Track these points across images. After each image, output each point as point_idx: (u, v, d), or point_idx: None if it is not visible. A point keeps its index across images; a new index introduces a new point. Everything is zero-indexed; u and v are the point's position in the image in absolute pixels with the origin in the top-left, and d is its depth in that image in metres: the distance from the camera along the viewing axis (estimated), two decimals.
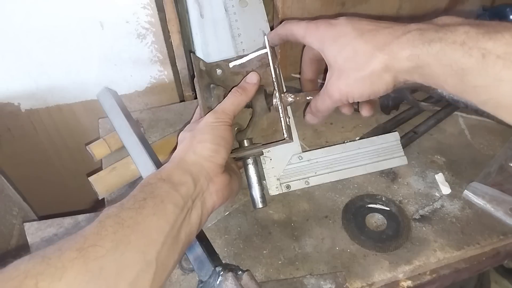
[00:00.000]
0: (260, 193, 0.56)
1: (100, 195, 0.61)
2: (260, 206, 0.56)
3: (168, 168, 0.43)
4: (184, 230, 0.39)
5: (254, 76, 0.53)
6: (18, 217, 0.78)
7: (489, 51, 0.33)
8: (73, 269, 0.30)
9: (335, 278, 0.51)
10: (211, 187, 0.44)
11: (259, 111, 0.55)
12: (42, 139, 0.81)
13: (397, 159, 0.64)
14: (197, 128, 0.47)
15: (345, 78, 0.44)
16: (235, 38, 0.63)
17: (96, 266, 0.31)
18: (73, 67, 0.71)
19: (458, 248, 0.55)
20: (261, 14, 0.64)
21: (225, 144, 0.46)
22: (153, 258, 0.34)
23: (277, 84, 0.52)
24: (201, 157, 0.44)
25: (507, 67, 0.32)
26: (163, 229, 0.36)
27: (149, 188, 0.39)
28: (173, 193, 0.39)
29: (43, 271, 0.29)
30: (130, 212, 0.36)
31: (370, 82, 0.43)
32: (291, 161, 0.62)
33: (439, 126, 0.72)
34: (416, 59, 0.38)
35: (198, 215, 0.42)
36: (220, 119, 0.47)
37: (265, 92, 0.55)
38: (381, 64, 0.41)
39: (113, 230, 0.33)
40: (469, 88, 0.36)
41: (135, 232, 0.34)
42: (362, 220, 0.58)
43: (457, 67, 0.35)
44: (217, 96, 0.55)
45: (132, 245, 0.33)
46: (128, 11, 0.65)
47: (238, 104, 0.51)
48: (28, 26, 0.63)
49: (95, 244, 0.32)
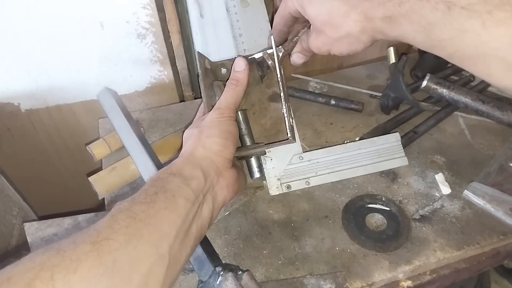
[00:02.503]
0: (257, 163, 0.56)
1: (100, 195, 0.61)
2: (258, 175, 0.55)
3: (178, 163, 0.43)
4: (196, 224, 0.39)
5: (241, 62, 0.53)
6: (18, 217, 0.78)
7: (454, 3, 0.34)
8: (87, 261, 0.30)
9: (335, 278, 0.51)
10: (221, 181, 0.44)
11: (251, 81, 0.55)
12: (42, 139, 0.81)
13: (398, 160, 0.64)
14: (203, 124, 0.48)
15: (324, 37, 0.46)
16: (236, 38, 0.63)
17: (109, 259, 0.31)
18: (73, 67, 0.71)
19: (458, 248, 0.55)
20: (262, 14, 0.64)
21: (232, 139, 0.47)
22: (165, 252, 0.35)
23: (282, 84, 0.52)
24: (211, 152, 0.45)
25: (470, 17, 0.33)
26: (175, 222, 0.37)
27: (160, 183, 0.40)
28: (184, 187, 0.40)
29: (59, 263, 0.29)
30: (141, 206, 0.36)
31: (348, 43, 0.45)
32: (292, 161, 0.62)
33: (439, 126, 0.72)
34: (389, 20, 0.39)
35: (210, 209, 0.42)
36: (225, 114, 0.48)
37: (256, 62, 0.55)
38: (357, 27, 0.42)
39: (125, 224, 0.34)
40: (436, 42, 0.37)
41: (147, 226, 0.35)
42: (362, 220, 0.58)
43: (425, 22, 0.36)
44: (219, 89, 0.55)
45: (144, 239, 0.34)
46: (128, 11, 0.65)
47: (237, 96, 0.51)
48: (28, 26, 0.63)
49: (108, 238, 0.32)
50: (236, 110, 0.53)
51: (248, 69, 0.53)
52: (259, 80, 0.55)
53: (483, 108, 0.67)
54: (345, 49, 0.46)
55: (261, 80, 0.56)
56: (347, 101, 0.75)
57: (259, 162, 0.56)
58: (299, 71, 0.84)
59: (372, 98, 0.78)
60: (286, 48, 0.54)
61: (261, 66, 0.55)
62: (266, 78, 0.56)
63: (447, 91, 0.68)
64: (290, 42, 0.53)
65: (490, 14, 0.32)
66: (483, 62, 0.35)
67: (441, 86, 0.69)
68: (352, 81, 0.82)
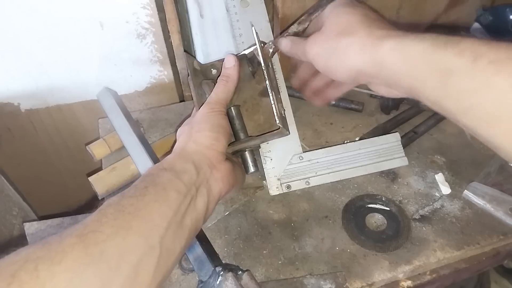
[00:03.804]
0: (251, 157, 0.55)
1: (100, 195, 0.61)
2: (252, 170, 0.55)
3: (170, 159, 0.44)
4: (190, 217, 0.39)
5: (231, 58, 0.54)
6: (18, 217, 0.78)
7: (481, 55, 0.31)
8: (72, 253, 0.30)
9: (335, 278, 0.51)
10: (215, 174, 0.44)
11: (242, 77, 0.55)
12: (42, 139, 0.81)
13: (398, 160, 0.64)
14: (194, 120, 0.48)
15: None
16: (236, 38, 0.63)
17: (96, 250, 0.31)
18: (73, 67, 0.71)
19: (458, 248, 0.55)
20: (262, 15, 0.64)
21: (224, 132, 0.47)
22: (156, 243, 0.34)
23: (267, 73, 0.52)
24: (202, 146, 0.45)
25: (499, 71, 0.30)
26: (165, 214, 0.36)
27: (150, 178, 0.40)
28: (175, 181, 0.39)
29: (43, 255, 0.29)
30: (131, 199, 0.36)
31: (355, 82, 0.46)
32: (292, 161, 0.62)
33: (439, 126, 0.72)
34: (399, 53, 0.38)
35: (204, 202, 0.42)
36: (215, 109, 0.49)
37: (247, 58, 0.55)
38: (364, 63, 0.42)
39: (113, 217, 0.34)
40: (452, 93, 0.34)
41: (136, 218, 0.34)
42: (362, 220, 0.58)
43: (444, 66, 0.33)
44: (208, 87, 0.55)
45: (133, 230, 0.34)
46: (128, 11, 0.65)
47: (228, 92, 0.52)
48: (28, 26, 0.63)
49: (95, 230, 0.32)
50: (227, 106, 0.53)
51: (238, 65, 0.54)
52: (250, 76, 0.56)
53: None
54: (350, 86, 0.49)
55: (253, 76, 0.56)
56: (347, 101, 0.75)
57: (254, 157, 0.56)
58: None
59: (372, 98, 0.78)
60: (277, 44, 0.54)
61: (252, 62, 0.55)
62: (257, 74, 0.56)
63: None
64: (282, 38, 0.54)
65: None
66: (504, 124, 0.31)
67: None
68: None
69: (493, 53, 0.31)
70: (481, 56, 0.31)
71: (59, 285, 0.28)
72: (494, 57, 0.31)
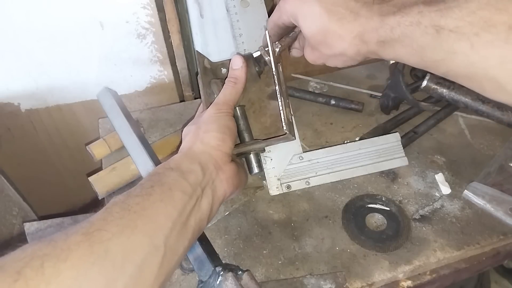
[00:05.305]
0: (256, 159, 0.55)
1: (100, 195, 0.61)
2: (256, 171, 0.55)
3: (176, 158, 0.44)
4: (194, 217, 0.39)
5: (238, 59, 0.53)
6: (18, 217, 0.78)
7: (442, 27, 0.35)
8: (78, 251, 0.30)
9: (335, 278, 0.51)
10: (221, 175, 0.44)
11: (248, 77, 0.55)
12: (42, 139, 0.81)
13: (398, 160, 0.64)
14: (201, 120, 0.48)
15: (318, 53, 0.48)
16: (237, 38, 0.63)
17: (101, 248, 0.31)
18: (73, 67, 0.71)
19: (458, 248, 0.55)
20: (262, 15, 0.64)
21: (230, 133, 0.47)
22: (160, 242, 0.35)
23: (278, 78, 0.52)
24: (209, 146, 0.45)
25: (459, 39, 0.35)
26: (170, 214, 0.37)
27: (156, 177, 0.40)
28: (181, 181, 0.40)
29: (49, 252, 0.30)
30: (136, 198, 0.36)
31: (343, 60, 0.46)
32: (292, 161, 0.62)
33: (439, 126, 0.72)
34: (383, 44, 0.41)
35: (209, 202, 0.42)
36: (222, 110, 0.49)
37: (253, 58, 0.55)
38: (352, 50, 0.43)
39: (119, 216, 0.34)
40: (429, 63, 0.39)
41: (141, 217, 0.35)
42: (362, 220, 0.58)
43: (416, 45, 0.38)
44: (217, 87, 0.55)
45: (138, 230, 0.34)
46: (128, 11, 0.65)
47: (236, 93, 0.52)
48: (28, 26, 0.63)
49: (100, 229, 0.32)
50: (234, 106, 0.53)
51: (245, 66, 0.53)
52: (256, 76, 0.56)
53: (483, 108, 0.67)
54: (340, 64, 0.48)
55: (259, 76, 0.56)
56: (347, 101, 0.75)
57: (258, 158, 0.56)
58: (299, 71, 0.84)
59: (372, 98, 0.78)
60: (283, 44, 0.54)
61: (258, 62, 0.55)
62: (266, 76, 0.56)
63: (447, 91, 0.68)
64: (287, 37, 0.54)
65: (478, 36, 0.33)
66: (475, 81, 0.37)
67: (441, 86, 0.69)
68: (352, 81, 0.82)
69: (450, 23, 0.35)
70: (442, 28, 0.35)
71: (64, 283, 0.29)
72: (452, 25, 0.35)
